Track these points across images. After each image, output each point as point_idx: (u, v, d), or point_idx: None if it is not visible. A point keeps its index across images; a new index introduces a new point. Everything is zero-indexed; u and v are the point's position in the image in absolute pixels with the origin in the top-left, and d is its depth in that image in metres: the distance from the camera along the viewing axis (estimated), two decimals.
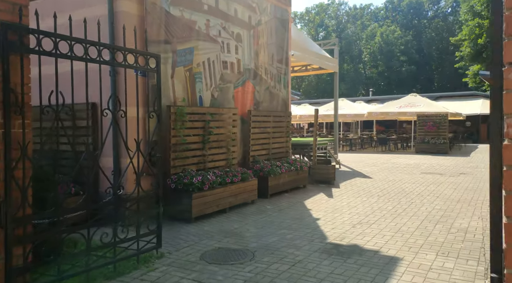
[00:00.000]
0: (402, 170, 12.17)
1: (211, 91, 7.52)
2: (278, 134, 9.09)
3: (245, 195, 7.17)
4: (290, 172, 8.56)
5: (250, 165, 8.14)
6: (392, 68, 49.88)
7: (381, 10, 58.82)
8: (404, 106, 20.54)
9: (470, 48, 19.57)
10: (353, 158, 16.57)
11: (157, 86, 4.48)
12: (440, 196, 7.84)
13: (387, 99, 31.00)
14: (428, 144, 18.16)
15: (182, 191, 6.11)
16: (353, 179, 10.44)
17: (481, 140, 28.03)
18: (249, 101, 8.53)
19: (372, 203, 7.36)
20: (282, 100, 9.67)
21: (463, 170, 12.02)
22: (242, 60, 8.31)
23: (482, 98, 29.79)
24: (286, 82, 9.86)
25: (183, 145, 6.53)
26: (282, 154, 9.23)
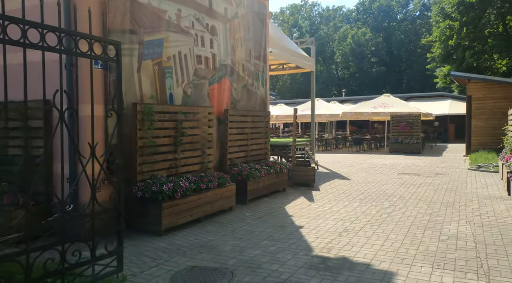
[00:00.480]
0: (379, 171, 11.94)
1: (183, 88, 6.83)
2: (256, 135, 8.52)
3: (222, 201, 6.54)
4: (270, 175, 8.01)
5: (227, 168, 7.51)
6: (363, 70, 50.68)
7: (352, 12, 59.73)
8: (378, 106, 20.57)
9: (441, 50, 19.86)
10: (329, 158, 16.28)
11: (117, 79, 3.77)
12: (422, 199, 7.54)
13: (360, 100, 31.24)
14: (402, 144, 18.20)
15: (150, 200, 5.41)
16: (332, 181, 10.05)
17: (450, 140, 28.74)
18: (226, 99, 7.90)
19: (355, 207, 6.93)
20: (260, 99, 9.11)
21: (438, 170, 11.94)
22: (218, 55, 7.68)
23: (450, 99, 30.62)
24: (265, 80, 9.31)
25: (152, 148, 5.81)
26: (261, 156, 8.67)
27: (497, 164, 11.58)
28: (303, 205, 7.21)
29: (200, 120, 6.82)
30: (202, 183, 6.17)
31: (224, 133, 7.58)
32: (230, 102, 8.05)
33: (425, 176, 10.67)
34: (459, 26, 18.03)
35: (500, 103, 15.11)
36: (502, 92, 15.16)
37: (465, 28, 17.88)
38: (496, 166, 11.31)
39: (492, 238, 4.99)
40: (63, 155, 3.04)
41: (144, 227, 5.46)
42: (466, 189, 8.47)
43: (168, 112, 6.18)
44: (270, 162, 8.44)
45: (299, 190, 8.76)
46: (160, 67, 6.37)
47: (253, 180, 7.37)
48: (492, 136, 15.20)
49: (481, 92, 15.58)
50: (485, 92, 15.49)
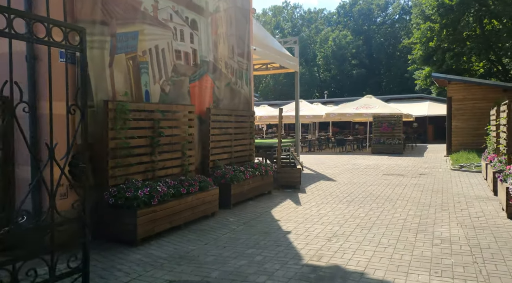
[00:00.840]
0: (363, 172, 11.76)
1: (160, 85, 6.37)
2: (241, 136, 8.13)
3: (204, 206, 6.11)
4: (255, 177, 7.63)
5: (209, 171, 7.08)
6: (344, 72, 51.11)
7: (333, 15, 60.23)
8: (360, 107, 20.56)
9: (422, 51, 20.05)
10: (313, 159, 16.06)
11: (82, 71, 3.31)
12: (410, 200, 7.33)
13: (342, 101, 31.36)
14: (384, 145, 18.20)
15: (123, 207, 4.93)
16: (318, 183, 9.76)
17: (429, 141, 29.20)
18: (207, 98, 7.47)
19: (343, 210, 6.64)
20: (244, 98, 8.72)
21: (421, 170, 11.86)
22: (199, 50, 7.25)
23: (428, 100, 31.16)
24: (249, 79, 8.94)
25: (126, 150, 5.33)
26: (245, 158, 8.28)
27: (479, 164, 11.60)
28: (289, 208, 6.86)
29: (180, 119, 6.37)
30: (182, 187, 5.73)
31: (206, 133, 7.15)
32: (213, 101, 7.63)
33: (409, 177, 10.54)
34: (439, 28, 18.22)
35: (480, 104, 15.29)
36: (481, 94, 15.34)
37: (445, 30, 18.09)
38: (478, 166, 11.32)
39: (486, 241, 4.77)
40: (23, 156, 2.56)
41: (117, 236, 4.97)
42: (452, 189, 8.33)
43: (144, 111, 5.71)
44: (255, 163, 8.06)
45: (285, 193, 8.42)
46: (135, 62, 5.90)
47: (237, 183, 6.97)
48: (472, 137, 15.35)
49: (461, 93, 15.73)
50: (465, 94, 15.65)
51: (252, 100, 9.04)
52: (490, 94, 15.12)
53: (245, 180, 7.24)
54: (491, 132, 9.55)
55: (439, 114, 28.82)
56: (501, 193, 6.09)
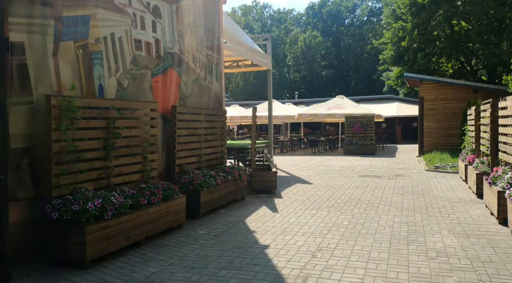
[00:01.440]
0: (339, 173, 11.36)
1: (117, 78, 5.52)
2: (211, 137, 7.38)
3: (168, 218, 5.32)
4: (227, 182, 6.91)
5: (176, 176, 6.29)
6: (314, 73, 51.37)
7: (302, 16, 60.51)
8: (333, 108, 20.35)
9: (393, 51, 20.10)
10: (286, 161, 15.55)
11: None
12: (392, 205, 6.90)
13: (313, 102, 31.28)
14: (356, 145, 18.03)
15: (69, 222, 4.08)
16: (294, 186, 9.19)
17: (397, 141, 29.67)
18: (173, 94, 6.68)
19: (324, 217, 6.08)
20: (214, 95, 7.98)
21: (397, 171, 11.63)
22: (162, 41, 6.44)
23: (397, 101, 31.75)
24: (219, 74, 8.21)
25: (73, 154, 4.47)
26: (216, 161, 7.54)
27: (454, 164, 11.52)
28: (266, 217, 6.20)
29: (140, 118, 5.55)
30: (142, 197, 4.92)
31: (172, 134, 6.35)
32: (179, 98, 6.84)
33: (386, 178, 10.22)
34: (411, 27, 18.27)
35: (451, 104, 15.40)
36: (452, 94, 15.46)
37: (416, 30, 18.18)
38: (453, 167, 11.22)
39: (484, 252, 4.34)
40: None
41: (63, 258, 4.12)
42: (433, 192, 8.02)
43: (96, 108, 4.85)
44: (227, 167, 7.34)
45: (259, 198, 7.76)
46: (85, 51, 5.03)
47: (207, 189, 6.23)
48: (444, 137, 15.44)
49: (432, 93, 15.79)
50: (436, 94, 15.72)
51: (223, 98, 8.32)
52: (461, 94, 15.25)
53: (216, 185, 6.51)
54: (469, 132, 9.39)
55: (407, 115, 29.38)
56: (489, 196, 5.76)
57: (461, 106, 14.75)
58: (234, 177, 7.13)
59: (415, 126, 32.06)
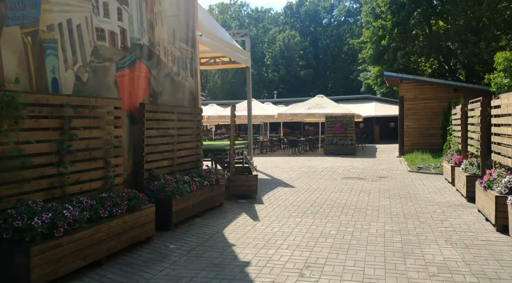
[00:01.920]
0: (321, 175, 10.94)
1: (75, 71, 4.80)
2: (185, 138, 6.73)
3: (135, 231, 4.66)
4: (203, 188, 6.29)
5: (144, 183, 5.62)
6: (292, 73, 51.24)
7: (280, 15, 60.29)
8: (313, 107, 20.02)
9: (373, 50, 19.96)
10: (266, 162, 15.04)
11: None
12: (380, 210, 6.48)
13: (292, 102, 30.96)
14: (337, 145, 17.75)
15: (11, 242, 3.38)
16: (276, 190, 8.67)
17: (376, 141, 29.81)
18: (142, 90, 5.99)
19: (310, 226, 5.57)
20: (189, 92, 7.33)
21: (379, 172, 11.33)
22: (129, 31, 5.75)
23: (375, 101, 31.92)
24: (194, 70, 7.56)
25: (18, 159, 3.75)
26: (191, 164, 6.89)
27: (436, 165, 11.33)
28: (246, 226, 5.63)
29: (102, 117, 4.86)
30: (102, 209, 4.24)
31: (140, 135, 5.67)
32: (148, 94, 6.16)
33: (370, 180, 9.86)
34: (391, 26, 18.15)
35: (431, 103, 15.32)
36: (432, 93, 15.38)
37: (396, 29, 18.08)
38: (436, 167, 11.02)
39: (489, 266, 3.92)
40: None
41: None
42: (420, 195, 7.69)
43: (48, 105, 4.14)
44: (203, 171, 6.71)
45: (239, 204, 7.18)
46: (35, 39, 4.29)
47: (180, 197, 5.59)
48: (424, 137, 15.35)
49: (412, 92, 15.67)
50: (416, 93, 15.61)
51: (199, 95, 7.68)
52: (441, 93, 15.20)
53: (190, 192, 5.88)
54: (454, 132, 9.16)
55: (385, 114, 29.57)
56: (484, 201, 5.42)
57: (441, 106, 14.66)
58: (211, 182, 6.52)
59: (392, 126, 32.46)
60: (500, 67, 9.39)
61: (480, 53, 15.50)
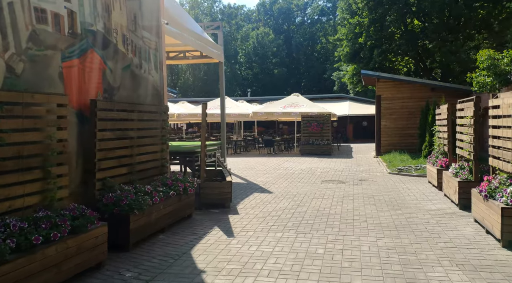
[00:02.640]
0: (299, 178, 10.31)
1: (5, 60, 3.82)
2: (148, 141, 5.83)
3: (81, 257, 3.76)
4: (169, 199, 5.43)
5: (96, 196, 4.69)
6: (266, 71, 50.68)
7: (253, 12, 59.54)
8: (288, 106, 19.42)
9: (349, 48, 19.58)
10: (241, 163, 14.27)
11: None
12: (368, 220, 5.86)
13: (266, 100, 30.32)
14: (313, 145, 17.25)
15: None
16: (252, 196, 7.92)
17: (349, 140, 29.76)
18: (94, 85, 5.04)
19: (293, 243, 4.85)
20: (153, 88, 6.42)
21: (359, 174, 10.83)
22: (79, 14, 4.79)
23: (348, 100, 31.91)
24: (159, 63, 6.65)
25: None
26: (155, 171, 5.99)
27: (417, 167, 10.98)
28: (219, 245, 4.83)
29: (40, 117, 3.91)
30: (35, 234, 3.33)
31: (91, 138, 4.74)
32: (103, 90, 5.22)
33: (351, 184, 9.31)
34: (368, 23, 17.80)
35: (408, 103, 15.09)
36: (409, 92, 15.15)
37: (373, 26, 17.77)
38: (417, 169, 10.66)
39: None
40: None
41: None
42: (407, 201, 7.16)
43: None
44: (169, 179, 5.84)
45: (211, 215, 6.36)
46: None
47: (140, 211, 4.71)
48: (401, 137, 15.10)
49: (390, 91, 15.39)
50: (393, 92, 15.33)
51: (165, 91, 6.77)
52: (418, 93, 14.99)
53: (153, 205, 5.01)
54: (439, 133, 8.76)
55: (359, 114, 29.57)
56: (484, 211, 4.92)
57: (418, 105, 14.47)
58: (177, 191, 5.66)
59: (365, 125, 32.62)
60: (483, 65, 9.10)
61: (457, 52, 15.44)
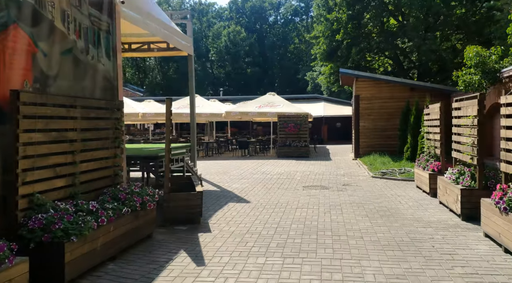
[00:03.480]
0: (278, 184, 9.39)
1: None
2: (96, 144, 4.66)
3: None
4: (121, 218, 4.30)
5: (19, 218, 3.50)
6: (238, 70, 49.69)
7: (225, 10, 58.34)
8: (264, 106, 18.51)
9: (326, 45, 18.90)
10: (213, 167, 13.18)
11: None
12: (365, 237, 4.94)
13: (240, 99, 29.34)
14: (290, 147, 16.43)
15: None
16: (226, 207, 6.88)
17: (324, 141, 29.33)
18: (19, 71, 3.84)
19: (279, 272, 3.85)
20: (104, 78, 5.24)
21: (341, 179, 10.03)
22: None
23: (323, 101, 31.53)
24: (113, 49, 5.48)
25: None
26: (105, 181, 4.81)
27: (401, 170, 10.36)
28: (185, 278, 3.77)
29: None
30: None
31: (11, 142, 3.54)
32: (32, 78, 4.02)
33: (335, 189, 8.48)
34: (346, 19, 17.17)
35: (387, 103, 14.57)
36: (389, 92, 14.63)
37: (351, 23, 17.17)
38: (401, 173, 10.02)
39: None
40: None
41: None
42: (401, 211, 6.33)
43: None
44: (122, 192, 4.69)
45: (177, 234, 5.27)
46: None
47: (79, 237, 3.57)
48: (381, 138, 14.56)
49: (369, 91, 14.81)
50: (373, 92, 14.76)
51: (120, 83, 5.60)
52: (397, 93, 14.49)
53: (98, 227, 3.87)
54: (428, 134, 8.11)
55: (334, 114, 29.20)
56: (503, 228, 4.17)
57: (397, 106, 13.98)
58: (133, 207, 4.54)
59: (339, 127, 32.36)
60: (470, 62, 8.57)
61: (438, 50, 15.11)
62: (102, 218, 3.95)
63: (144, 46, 10.74)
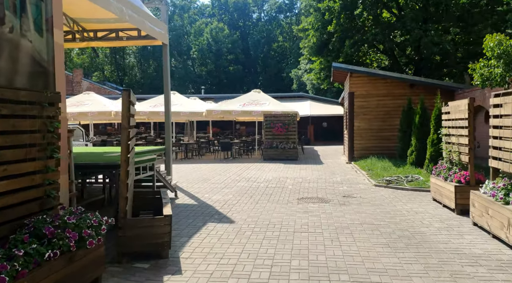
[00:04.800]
0: (267, 194, 8.02)
1: None
2: (12, 154, 3.14)
3: None
4: (46, 264, 2.81)
5: None
6: (221, 68, 48.11)
7: (207, 7, 56.62)
8: (248, 104, 17.10)
9: (316, 38, 17.55)
10: (192, 172, 11.70)
11: None
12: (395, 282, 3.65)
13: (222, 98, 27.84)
14: (277, 149, 15.09)
15: None
16: (205, 230, 5.44)
17: (311, 142, 28.18)
18: None
19: None
20: (30, 60, 3.71)
21: (339, 188, 8.68)
22: None
23: (309, 100, 30.39)
24: (46, 20, 3.95)
25: None
26: (27, 208, 3.28)
27: (407, 177, 9.15)
28: None
29: None
30: None
31: None
32: None
33: (335, 203, 7.13)
34: (339, 8, 15.82)
35: (384, 101, 13.40)
36: (385, 89, 13.45)
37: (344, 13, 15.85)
38: (410, 181, 8.79)
39: None
40: None
41: None
42: (429, 237, 4.91)
43: None
44: (49, 224, 3.19)
45: (135, 276, 3.80)
46: None
47: None
48: (378, 140, 13.39)
49: (364, 88, 13.60)
50: (369, 88, 13.56)
51: (60, 70, 4.06)
52: (395, 89, 13.34)
53: None
54: (449, 137, 6.88)
55: (321, 114, 28.07)
56: None
57: (396, 104, 12.86)
58: (65, 247, 3.06)
59: (325, 126, 31.28)
60: (490, 53, 7.41)
61: (441, 43, 14.00)
62: (15, 263, 2.46)
63: (111, 34, 9.19)
